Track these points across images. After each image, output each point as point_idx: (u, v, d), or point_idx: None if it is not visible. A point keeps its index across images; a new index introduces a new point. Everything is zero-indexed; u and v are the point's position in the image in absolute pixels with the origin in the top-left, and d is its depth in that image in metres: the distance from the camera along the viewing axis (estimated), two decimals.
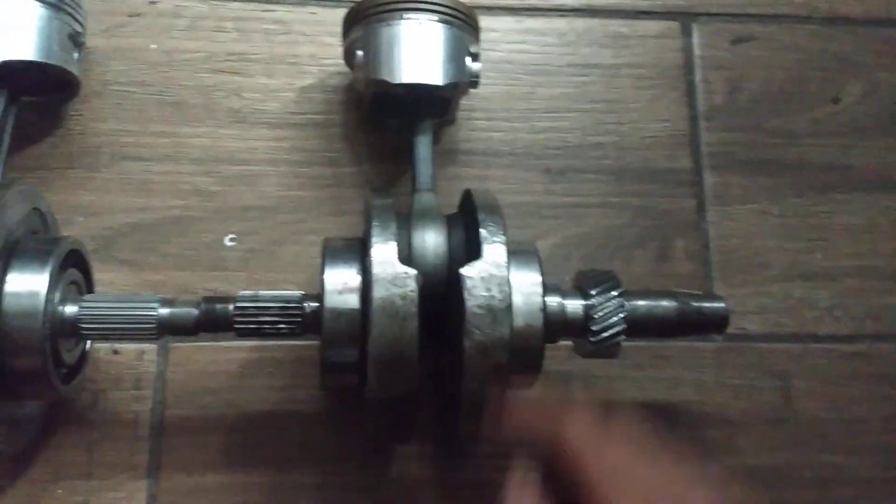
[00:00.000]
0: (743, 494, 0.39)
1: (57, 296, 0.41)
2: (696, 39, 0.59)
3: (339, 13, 0.52)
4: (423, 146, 0.50)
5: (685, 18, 0.59)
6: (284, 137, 0.54)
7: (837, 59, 0.60)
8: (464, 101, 0.54)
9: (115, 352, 0.49)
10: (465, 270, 0.40)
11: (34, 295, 0.40)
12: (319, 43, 0.56)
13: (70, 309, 0.41)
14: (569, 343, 0.46)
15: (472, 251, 0.41)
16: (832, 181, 0.57)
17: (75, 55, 0.49)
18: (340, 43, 0.52)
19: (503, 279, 0.40)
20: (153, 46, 0.55)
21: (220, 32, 0.55)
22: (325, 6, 0.57)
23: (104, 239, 0.50)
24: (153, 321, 0.42)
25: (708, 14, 0.59)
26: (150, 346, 0.49)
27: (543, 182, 0.55)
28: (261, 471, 0.48)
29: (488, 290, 0.40)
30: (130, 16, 0.55)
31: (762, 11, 0.60)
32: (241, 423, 0.48)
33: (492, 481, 0.49)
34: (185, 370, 0.49)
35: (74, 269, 0.43)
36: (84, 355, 0.45)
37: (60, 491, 0.46)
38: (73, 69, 0.49)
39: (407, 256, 0.42)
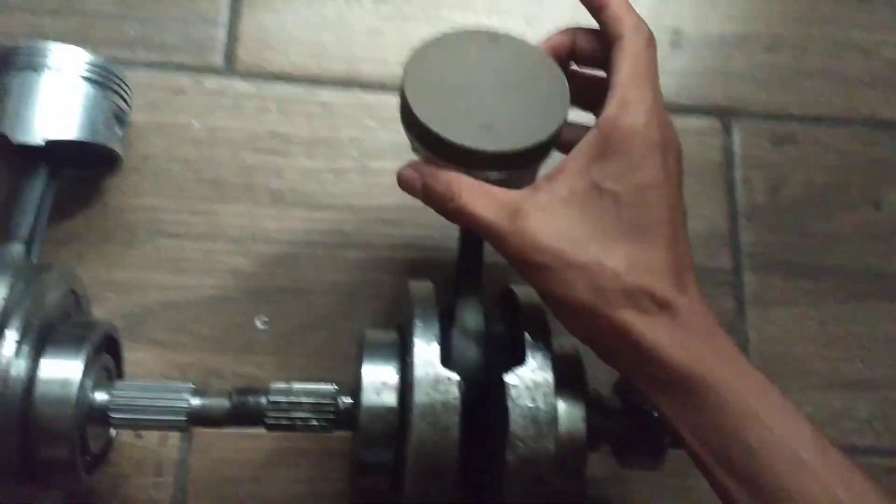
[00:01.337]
0: None
1: (89, 383, 0.40)
2: (736, 138, 0.59)
3: (381, 97, 0.52)
4: (468, 245, 0.49)
5: (726, 117, 0.59)
6: (321, 219, 0.54)
7: (878, 162, 0.59)
8: None
9: (139, 435, 0.47)
10: (510, 378, 0.39)
11: (67, 383, 0.38)
12: (361, 126, 0.56)
13: (101, 396, 0.40)
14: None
15: (515, 354, 0.40)
16: (873, 288, 0.56)
17: (118, 132, 0.49)
18: (380, 127, 0.52)
19: (549, 389, 0.39)
20: (195, 124, 0.54)
21: (262, 113, 0.55)
22: (368, 91, 0.56)
23: (135, 317, 0.50)
24: (183, 412, 0.40)
25: (749, 113, 0.59)
26: (174, 432, 0.48)
27: None
28: None
29: (533, 399, 0.38)
30: (175, 92, 0.55)
31: (803, 112, 0.60)
32: None
33: None
34: (209, 457, 0.48)
35: (106, 354, 0.42)
36: (109, 442, 0.44)
37: None
38: (116, 147, 0.49)
39: (447, 356, 0.41)
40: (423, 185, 0.40)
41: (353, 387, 0.41)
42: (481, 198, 0.38)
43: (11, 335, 0.37)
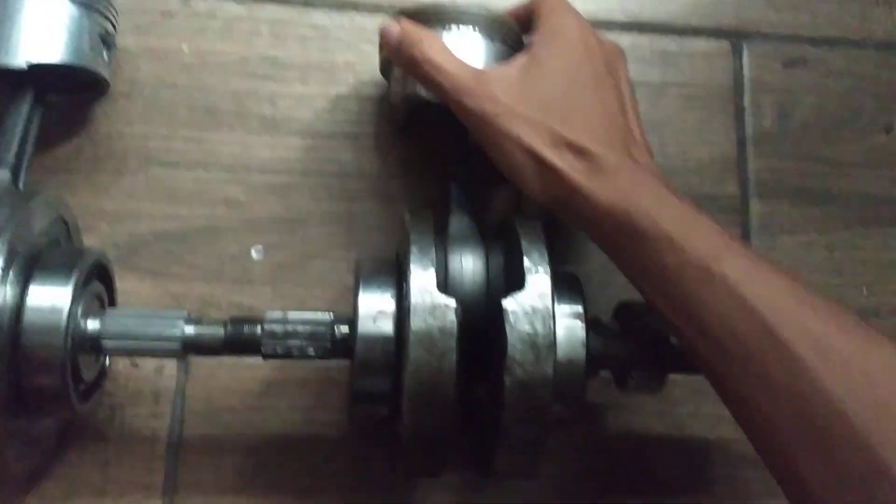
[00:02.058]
0: None
1: (79, 310, 0.39)
2: (746, 61, 0.57)
3: (378, 20, 0.50)
4: (461, 163, 0.48)
5: (736, 38, 0.57)
6: (316, 147, 0.52)
7: (891, 86, 0.57)
8: None
9: (135, 365, 0.47)
10: (508, 303, 0.38)
11: (56, 310, 0.38)
12: (356, 50, 0.54)
13: (92, 324, 0.40)
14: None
15: (514, 280, 0.40)
16: (882, 214, 0.55)
17: (105, 56, 0.48)
18: (377, 51, 0.50)
19: (547, 313, 0.38)
20: (185, 48, 0.53)
21: (255, 36, 0.53)
22: (364, 13, 0.55)
23: (127, 247, 0.49)
24: (177, 339, 0.40)
25: (760, 34, 0.57)
26: (170, 361, 0.47)
27: None
28: (280, 495, 0.46)
29: (531, 324, 0.38)
30: (163, 15, 0.53)
31: (815, 34, 0.58)
32: (261, 444, 0.47)
33: None
34: (206, 386, 0.47)
35: (97, 282, 0.42)
36: (103, 371, 0.44)
37: None
38: (103, 70, 0.47)
39: (444, 282, 0.40)
40: (398, 34, 0.45)
41: (350, 315, 0.41)
42: (448, 54, 0.44)
43: None
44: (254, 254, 0.50)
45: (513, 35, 0.49)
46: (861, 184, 0.55)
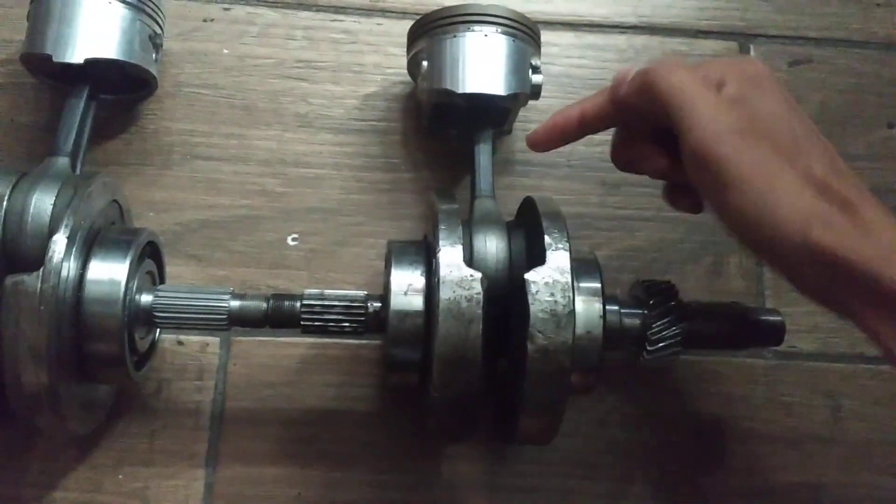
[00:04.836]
0: None
1: (135, 285, 0.42)
2: None
3: (405, 24, 0.53)
4: (484, 154, 0.51)
5: (743, 39, 0.60)
6: (347, 143, 0.56)
7: (893, 83, 0.60)
8: (521, 113, 0.55)
9: (180, 342, 0.50)
10: (530, 275, 0.41)
11: (115, 283, 0.41)
12: (384, 53, 0.58)
13: (146, 298, 0.43)
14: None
15: (535, 257, 0.42)
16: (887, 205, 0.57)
17: (153, 56, 0.51)
18: (404, 53, 0.54)
19: (567, 285, 0.41)
20: (225, 51, 0.57)
21: (290, 40, 0.57)
22: (390, 17, 0.58)
23: (173, 234, 0.52)
24: (224, 312, 0.43)
25: (766, 35, 0.60)
26: (213, 339, 0.51)
27: (599, 194, 0.56)
28: (316, 465, 0.49)
29: (552, 295, 0.40)
30: (204, 21, 0.57)
31: (819, 35, 0.61)
32: (298, 417, 0.50)
33: (542, 486, 0.50)
34: (246, 363, 0.50)
35: (150, 260, 0.45)
36: (154, 344, 0.47)
37: (121, 476, 0.48)
38: (151, 69, 0.51)
39: (469, 260, 0.43)
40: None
41: (382, 293, 0.44)
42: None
43: (61, 238, 0.40)
44: (290, 241, 0.53)
45: (533, 34, 0.52)
46: (865, 176, 0.56)
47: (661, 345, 0.45)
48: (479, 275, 0.41)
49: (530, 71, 0.51)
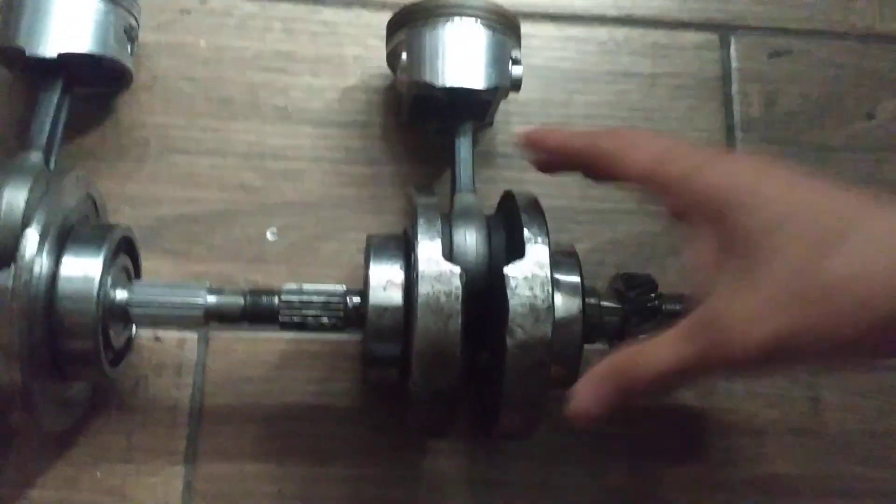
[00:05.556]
0: None
1: (109, 281, 0.42)
2: (733, 52, 0.60)
3: (385, 16, 0.53)
4: (464, 148, 0.50)
5: (724, 31, 0.60)
6: (327, 136, 0.55)
7: (873, 75, 0.60)
8: (502, 106, 0.55)
9: (158, 339, 0.50)
10: (509, 269, 0.41)
11: (88, 279, 0.41)
12: (364, 45, 0.57)
13: (121, 293, 0.42)
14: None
15: (514, 251, 0.42)
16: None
17: (129, 49, 0.51)
18: (384, 46, 0.53)
19: (546, 279, 0.41)
20: (203, 43, 0.56)
21: (268, 32, 0.56)
22: (370, 9, 0.58)
23: (150, 229, 0.51)
24: (200, 308, 0.43)
25: (746, 27, 0.60)
26: (191, 335, 0.50)
27: (580, 187, 0.56)
28: (296, 461, 0.49)
29: (531, 289, 0.40)
30: (181, 12, 0.56)
31: (800, 27, 0.61)
32: (278, 413, 0.49)
33: (522, 480, 0.50)
34: (225, 359, 0.50)
35: (125, 256, 0.45)
36: (130, 340, 0.46)
37: (99, 474, 0.47)
38: (127, 62, 0.51)
39: (449, 254, 0.43)
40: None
41: (362, 287, 0.43)
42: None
43: (33, 234, 0.39)
44: (269, 235, 0.53)
45: (513, 26, 0.51)
46: (845, 167, 0.58)
47: (640, 337, 0.45)
48: (458, 269, 0.40)
49: (511, 63, 0.51)
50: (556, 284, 0.42)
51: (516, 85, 0.51)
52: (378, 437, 0.49)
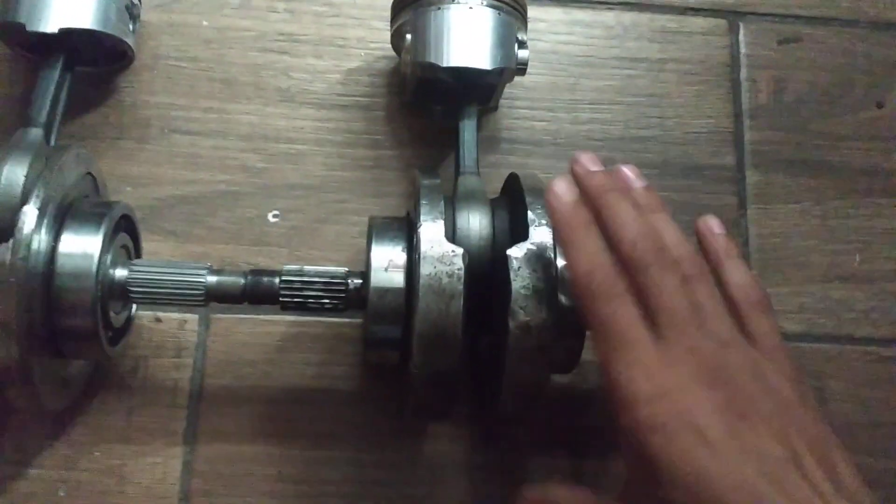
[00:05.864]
0: None
1: (108, 259, 0.41)
2: (742, 38, 0.59)
3: None
4: (468, 130, 0.50)
5: (733, 16, 0.59)
6: (330, 118, 0.55)
7: (883, 63, 0.60)
8: (507, 90, 0.54)
9: (158, 319, 0.49)
10: (512, 251, 0.40)
11: (87, 256, 0.40)
12: (367, 27, 0.57)
13: (120, 272, 0.42)
14: None
15: (518, 233, 0.42)
16: (874, 185, 0.57)
17: (130, 27, 0.50)
18: (388, 27, 0.53)
19: (549, 261, 0.40)
20: (205, 23, 0.55)
21: (271, 13, 0.56)
22: None
23: (151, 209, 0.51)
24: (201, 288, 0.42)
25: (755, 13, 0.60)
26: (191, 316, 0.50)
27: None
28: (296, 443, 0.48)
29: (534, 271, 0.40)
30: None
31: (809, 13, 0.60)
32: (277, 395, 0.49)
33: (523, 464, 0.49)
34: (226, 341, 0.50)
35: (125, 234, 0.44)
36: (130, 319, 0.46)
37: (98, 453, 0.47)
38: (129, 40, 0.50)
39: (452, 236, 0.43)
40: None
41: (364, 270, 0.43)
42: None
43: (31, 210, 0.39)
44: (270, 218, 0.52)
45: (520, 8, 0.51)
46: (853, 156, 0.57)
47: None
48: (460, 250, 0.40)
49: (516, 46, 0.51)
50: (558, 268, 0.41)
51: (522, 68, 0.51)
52: (378, 420, 0.49)
